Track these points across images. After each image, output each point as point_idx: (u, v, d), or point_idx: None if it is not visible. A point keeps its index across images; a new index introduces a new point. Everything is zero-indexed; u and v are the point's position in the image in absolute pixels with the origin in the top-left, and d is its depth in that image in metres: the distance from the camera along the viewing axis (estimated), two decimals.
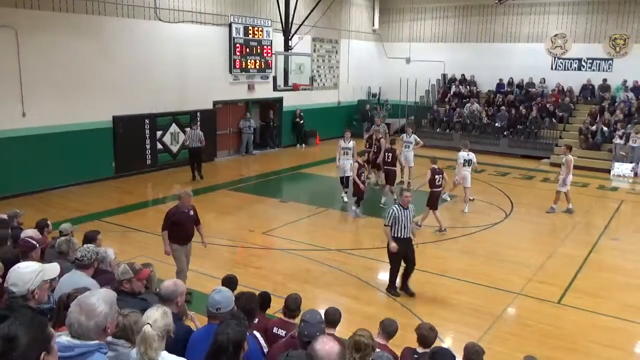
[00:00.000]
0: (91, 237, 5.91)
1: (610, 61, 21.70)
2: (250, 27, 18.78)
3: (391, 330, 4.91)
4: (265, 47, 19.35)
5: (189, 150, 15.79)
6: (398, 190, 13.93)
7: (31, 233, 5.91)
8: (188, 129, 16.04)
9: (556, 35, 22.50)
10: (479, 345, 4.56)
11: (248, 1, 18.92)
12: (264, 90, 19.46)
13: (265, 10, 19.42)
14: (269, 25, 19.33)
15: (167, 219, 7.68)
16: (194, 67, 17.13)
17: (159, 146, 16.54)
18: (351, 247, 10.51)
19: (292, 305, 5.03)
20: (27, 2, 12.84)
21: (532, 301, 8.23)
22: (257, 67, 19.27)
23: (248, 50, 18.84)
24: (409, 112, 24.45)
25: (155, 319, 3.07)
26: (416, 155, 15.32)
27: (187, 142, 15.67)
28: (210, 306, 3.96)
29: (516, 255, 10.16)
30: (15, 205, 9.95)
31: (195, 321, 4.79)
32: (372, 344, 3.84)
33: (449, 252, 10.43)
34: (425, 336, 4.81)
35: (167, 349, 3.09)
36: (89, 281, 4.59)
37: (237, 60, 18.51)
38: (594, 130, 19.66)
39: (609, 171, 18.16)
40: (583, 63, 22.24)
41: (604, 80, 21.60)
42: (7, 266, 4.50)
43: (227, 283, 5.27)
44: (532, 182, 16.91)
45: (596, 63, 21.98)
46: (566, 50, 22.44)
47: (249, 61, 18.91)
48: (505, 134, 21.43)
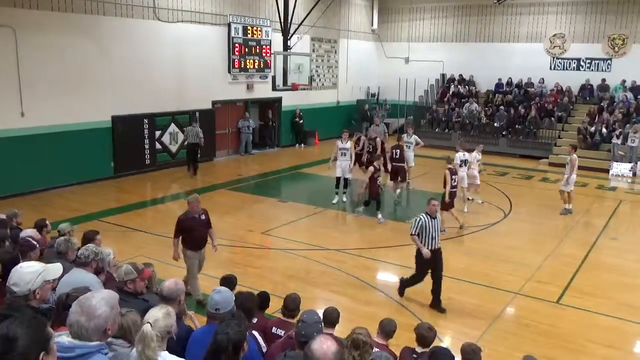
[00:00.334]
0: (90, 237, 5.91)
1: (609, 61, 21.73)
2: (249, 27, 18.77)
3: (389, 329, 4.94)
4: (264, 46, 19.35)
5: (187, 146, 16.29)
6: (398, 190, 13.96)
7: (31, 233, 5.92)
8: (188, 126, 16.41)
9: (555, 35, 22.52)
10: (474, 344, 4.58)
11: (247, 1, 18.91)
12: (262, 90, 19.46)
13: (264, 10, 19.41)
14: (268, 25, 19.33)
15: (177, 226, 7.55)
16: (192, 67, 17.12)
17: (157, 146, 16.55)
18: (350, 247, 10.51)
19: (291, 305, 5.03)
20: (26, 1, 12.82)
21: (530, 301, 8.24)
22: (256, 66, 19.26)
23: (247, 50, 18.83)
24: (407, 112, 24.47)
25: (156, 318, 3.08)
26: (416, 156, 15.35)
27: (186, 137, 16.21)
28: (210, 306, 3.97)
29: (515, 255, 10.16)
30: (14, 205, 9.94)
31: (194, 320, 4.80)
32: (370, 342, 3.85)
33: (447, 251, 10.30)
34: (424, 336, 4.82)
35: (168, 349, 3.10)
36: (91, 277, 4.61)
37: (236, 60, 18.51)
38: (592, 131, 19.69)
39: (607, 171, 18.19)
40: (582, 63, 22.27)
41: (603, 80, 21.63)
42: (6, 266, 4.50)
43: (226, 283, 5.27)
44: (531, 182, 16.94)
45: (595, 63, 22.01)
46: (565, 50, 22.46)
47: (247, 61, 18.91)
48: (504, 133, 21.45)
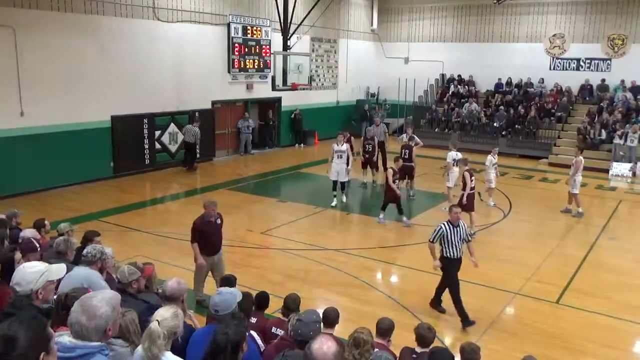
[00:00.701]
0: (90, 238, 5.90)
1: (609, 61, 21.73)
2: (249, 27, 18.77)
3: (384, 326, 4.83)
4: (263, 46, 19.35)
5: (184, 143, 16.84)
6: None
7: (31, 234, 5.91)
8: (188, 124, 16.73)
9: (554, 35, 22.52)
10: (474, 344, 4.58)
11: (247, 1, 18.90)
12: (262, 90, 19.45)
13: (263, 10, 19.40)
14: (268, 25, 19.32)
15: (194, 231, 7.39)
16: (192, 67, 17.12)
17: (157, 146, 16.55)
18: (350, 246, 10.51)
19: (291, 305, 5.03)
20: (26, 1, 12.81)
21: (530, 301, 8.24)
22: (256, 66, 19.25)
23: (247, 50, 18.83)
24: (407, 112, 24.47)
25: (164, 317, 3.14)
26: (416, 156, 15.30)
27: (184, 134, 16.76)
28: (210, 307, 3.98)
29: (514, 255, 10.17)
30: (13, 205, 9.94)
31: (193, 320, 4.80)
32: (372, 341, 3.86)
33: None
34: (423, 336, 4.81)
35: (171, 349, 3.12)
36: (95, 273, 4.65)
37: (236, 60, 18.50)
38: (592, 131, 19.69)
39: (607, 171, 18.19)
40: (581, 63, 22.26)
41: (603, 80, 21.63)
42: (4, 266, 4.51)
43: (225, 283, 5.27)
44: (530, 182, 16.94)
45: (594, 63, 22.01)
46: (564, 50, 22.46)
47: (247, 61, 18.90)
48: (504, 133, 21.44)
